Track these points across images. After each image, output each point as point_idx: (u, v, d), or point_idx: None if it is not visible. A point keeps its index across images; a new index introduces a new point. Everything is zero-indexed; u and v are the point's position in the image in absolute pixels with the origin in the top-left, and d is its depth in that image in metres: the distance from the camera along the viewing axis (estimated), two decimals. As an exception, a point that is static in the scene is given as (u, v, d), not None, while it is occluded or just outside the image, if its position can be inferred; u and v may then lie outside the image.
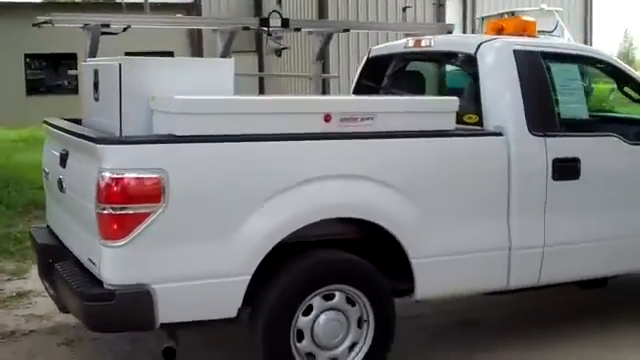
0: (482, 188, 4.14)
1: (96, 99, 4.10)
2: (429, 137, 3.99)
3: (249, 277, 3.60)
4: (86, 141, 3.59)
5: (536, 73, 4.37)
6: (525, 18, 4.99)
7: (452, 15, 21.49)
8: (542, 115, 4.32)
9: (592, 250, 4.49)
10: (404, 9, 15.99)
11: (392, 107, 4.03)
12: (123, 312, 3.44)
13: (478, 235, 4.14)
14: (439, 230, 4.02)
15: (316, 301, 3.79)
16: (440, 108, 4.12)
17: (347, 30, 5.42)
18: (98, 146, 3.42)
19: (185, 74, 3.90)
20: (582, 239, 4.44)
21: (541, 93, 4.35)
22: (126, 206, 3.38)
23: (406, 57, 5.08)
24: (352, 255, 3.89)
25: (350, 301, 3.88)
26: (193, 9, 24.44)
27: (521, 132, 4.23)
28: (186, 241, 3.50)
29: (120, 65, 3.75)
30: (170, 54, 19.73)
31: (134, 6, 20.29)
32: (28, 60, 23.06)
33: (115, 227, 3.38)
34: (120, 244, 3.39)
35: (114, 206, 3.37)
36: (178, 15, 17.74)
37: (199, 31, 19.66)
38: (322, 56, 5.62)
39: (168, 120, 3.55)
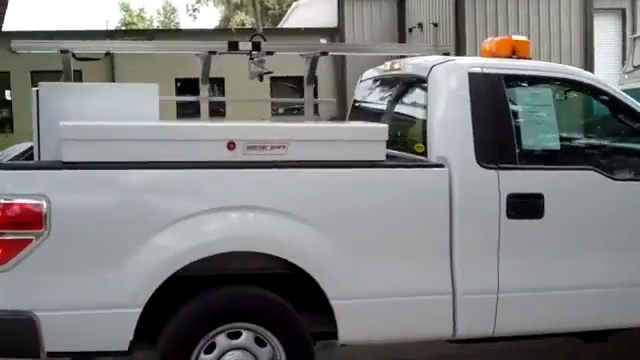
0: (417, 225, 3.83)
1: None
2: (349, 168, 3.76)
3: (139, 310, 3.53)
4: None
5: (494, 98, 4.00)
6: (516, 37, 4.60)
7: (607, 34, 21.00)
8: (496, 145, 3.94)
9: (560, 300, 4.02)
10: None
11: (307, 135, 3.84)
12: (4, 337, 3.48)
13: (414, 277, 3.82)
14: (364, 270, 3.76)
15: (220, 339, 3.66)
16: (365, 137, 3.88)
17: (325, 53, 5.26)
18: (-21, 171, 3.51)
19: (106, 100, 3.93)
20: (547, 287, 3.99)
21: (497, 121, 3.97)
22: (6, 232, 3.43)
23: (383, 81, 4.85)
24: (263, 292, 3.72)
25: (260, 341, 3.71)
26: (337, 33, 24.98)
27: (467, 164, 3.88)
28: (71, 269, 3.50)
29: (37, 91, 3.84)
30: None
31: (267, 31, 21.00)
32: (179, 84, 23.73)
33: (2, 252, 3.45)
34: (1, 269, 3.45)
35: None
36: (322, 40, 18.11)
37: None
38: (312, 80, 5.48)
39: (61, 146, 3.58)
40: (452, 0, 19.89)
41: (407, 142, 4.31)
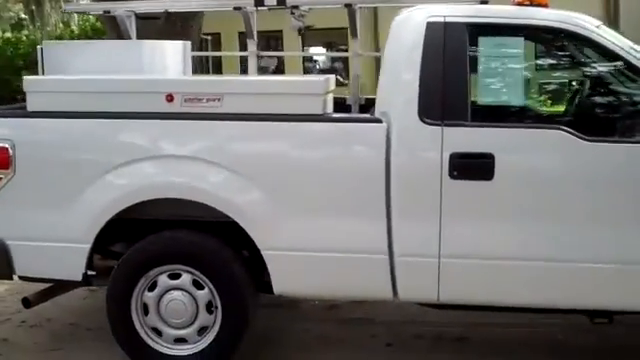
0: (352, 182, 3.82)
1: None
2: (282, 121, 3.85)
3: (88, 246, 4.02)
4: None
5: (451, 50, 3.79)
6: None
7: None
8: (443, 100, 3.76)
9: (513, 270, 3.75)
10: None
11: (242, 88, 3.99)
12: (-18, 261, 4.18)
13: (348, 234, 3.84)
14: (297, 223, 3.87)
15: (161, 278, 4.03)
16: (301, 90, 3.92)
17: (348, 5, 5.15)
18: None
19: (99, 56, 4.42)
20: (498, 255, 3.75)
21: (449, 74, 3.77)
22: (-20, 170, 4.10)
23: None
24: (199, 237, 4.01)
25: (198, 284, 4.01)
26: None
27: (407, 119, 3.77)
28: (34, 206, 4.08)
29: (42, 49, 4.46)
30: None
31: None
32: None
33: (-23, 187, 4.14)
34: (-20, 202, 4.14)
35: (-26, 170, 4.13)
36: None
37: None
38: (355, 32, 5.42)
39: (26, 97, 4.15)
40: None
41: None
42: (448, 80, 3.77)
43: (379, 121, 3.80)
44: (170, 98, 3.94)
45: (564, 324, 4.54)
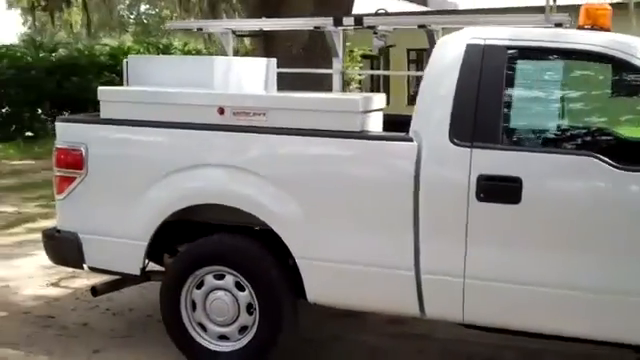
0: (382, 198, 3.96)
1: None
2: (319, 137, 4.06)
3: (146, 243, 4.42)
4: None
5: (489, 72, 3.84)
6: (592, 5, 4.17)
7: None
8: (475, 122, 3.81)
9: (537, 296, 3.74)
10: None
11: (284, 104, 4.22)
12: (62, 248, 4.70)
13: (377, 249, 3.99)
14: (329, 234, 4.06)
15: (208, 278, 4.35)
16: (338, 107, 4.10)
17: (423, 26, 5.15)
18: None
19: (174, 70, 4.80)
20: (522, 280, 3.75)
21: (485, 96, 3.82)
22: (61, 169, 4.62)
23: None
24: (242, 242, 4.29)
25: (240, 286, 4.30)
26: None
27: (438, 139, 3.86)
28: (102, 204, 4.54)
29: (127, 62, 4.94)
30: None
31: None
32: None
33: (57, 185, 4.66)
34: (60, 198, 4.66)
35: (56, 169, 4.66)
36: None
37: None
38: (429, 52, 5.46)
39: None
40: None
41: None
42: (481, 102, 3.82)
43: (410, 140, 3.92)
44: (221, 111, 4.27)
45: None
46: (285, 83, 5.20)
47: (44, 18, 24.44)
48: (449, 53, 3.98)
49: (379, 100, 4.34)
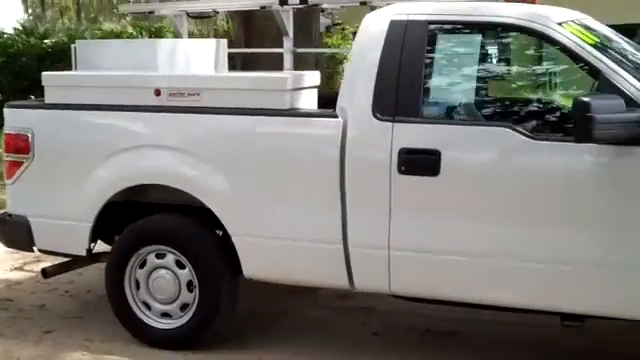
0: (310, 174, 4.09)
1: None
2: (248, 115, 4.20)
3: (90, 224, 4.57)
4: None
5: (410, 47, 3.95)
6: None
7: None
8: (397, 97, 3.92)
9: (459, 266, 3.86)
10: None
11: (216, 84, 4.36)
12: (13, 232, 4.86)
13: (307, 223, 4.13)
14: (261, 210, 4.20)
15: (150, 257, 4.50)
16: (267, 86, 4.24)
17: (364, 3, 5.25)
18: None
19: (120, 54, 4.94)
20: (444, 249, 3.88)
21: (406, 71, 3.93)
22: (9, 154, 4.78)
23: None
24: (180, 221, 4.45)
25: (181, 264, 4.45)
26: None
27: (362, 115, 3.98)
28: (49, 187, 4.69)
29: (74, 47, 5.07)
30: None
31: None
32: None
33: (7, 170, 4.82)
34: (9, 182, 4.82)
35: (5, 154, 4.81)
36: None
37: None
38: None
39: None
40: None
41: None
42: (402, 77, 3.94)
43: (335, 116, 4.04)
44: (157, 93, 4.40)
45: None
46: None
47: (46, 5, 24.60)
48: (373, 30, 4.09)
49: (311, 78, 4.45)
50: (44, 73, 4.77)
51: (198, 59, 5.07)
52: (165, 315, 4.52)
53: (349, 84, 4.08)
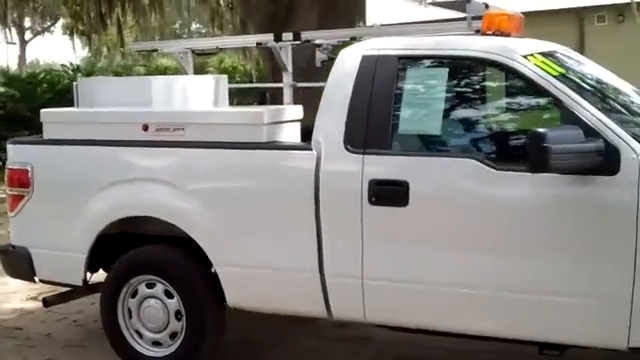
0: (287, 204, 4.23)
1: None
2: (227, 149, 4.37)
3: (85, 256, 4.78)
4: None
5: (380, 81, 4.09)
6: (493, 11, 4.37)
7: None
8: (367, 129, 4.05)
9: (431, 295, 3.94)
10: None
11: (199, 119, 4.53)
12: (15, 263, 5.10)
13: (285, 253, 4.26)
14: (241, 241, 4.35)
15: (141, 287, 4.69)
16: (245, 120, 4.40)
17: (354, 39, 5.36)
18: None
19: (117, 91, 5.19)
20: (416, 279, 3.96)
21: (376, 104, 4.06)
22: (12, 188, 5.04)
23: None
24: (167, 252, 4.62)
25: (169, 294, 4.62)
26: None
27: (334, 147, 4.11)
28: (47, 219, 4.92)
29: (76, 84, 5.34)
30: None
31: None
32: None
33: (10, 203, 5.08)
34: (12, 215, 5.08)
35: (8, 188, 5.08)
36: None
37: None
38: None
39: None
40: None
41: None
42: (373, 110, 4.07)
43: (309, 149, 4.18)
44: (145, 128, 4.61)
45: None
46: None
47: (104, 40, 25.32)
48: (347, 64, 4.24)
49: (292, 112, 4.61)
50: (42, 110, 5.03)
51: (197, 95, 5.27)
52: (156, 343, 4.69)
53: (323, 117, 4.22)
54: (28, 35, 41.66)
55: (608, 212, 3.61)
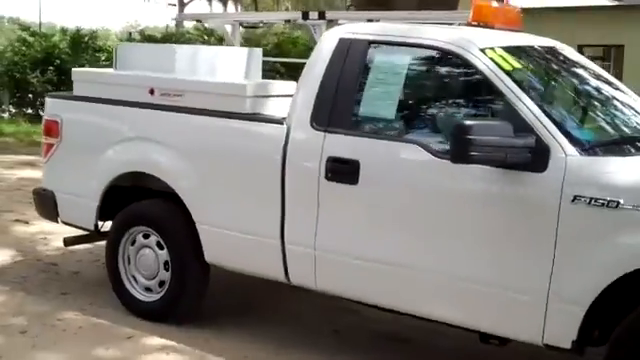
0: (257, 173, 4.57)
1: None
2: (212, 116, 4.75)
3: (97, 203, 5.32)
4: None
5: (351, 64, 4.33)
6: (479, 2, 4.47)
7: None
8: (332, 109, 4.31)
9: (375, 272, 4.17)
10: None
11: (195, 87, 4.91)
12: (44, 204, 5.72)
13: (253, 217, 4.61)
14: (217, 202, 4.74)
15: (138, 237, 5.18)
16: (228, 91, 4.76)
17: (370, 20, 5.45)
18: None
19: (147, 56, 5.66)
20: (360, 255, 4.20)
21: (343, 86, 4.30)
22: (46, 137, 5.65)
23: None
24: (160, 206, 5.06)
25: (160, 245, 5.07)
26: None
27: (301, 124, 4.40)
28: (71, 167, 5.50)
29: (115, 48, 5.87)
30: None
31: None
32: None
33: (43, 150, 5.70)
34: (44, 161, 5.70)
35: (43, 137, 5.69)
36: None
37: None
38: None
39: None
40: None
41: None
42: (339, 91, 4.32)
43: (280, 123, 4.49)
44: (152, 91, 5.06)
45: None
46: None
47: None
48: (325, 46, 4.50)
49: (282, 87, 4.92)
50: (74, 69, 5.60)
51: (226, 66, 5.64)
52: (148, 289, 5.16)
53: (298, 94, 4.51)
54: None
55: (532, 208, 3.71)
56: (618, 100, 4.39)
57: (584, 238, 3.61)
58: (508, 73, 3.92)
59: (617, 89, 4.57)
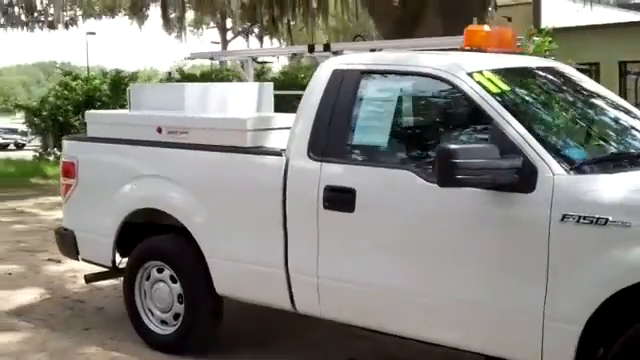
0: (260, 205, 4.67)
1: None
2: (215, 151, 4.88)
3: (112, 239, 5.48)
4: None
5: (344, 94, 4.42)
6: (472, 27, 4.52)
7: None
8: (327, 139, 4.39)
9: (376, 298, 4.22)
10: None
11: (199, 124, 5.04)
12: (66, 243, 5.90)
13: (258, 248, 4.70)
14: (225, 236, 4.84)
15: (152, 271, 5.31)
16: (229, 126, 4.88)
17: (373, 50, 5.50)
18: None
19: (157, 96, 5.84)
20: (362, 281, 4.25)
21: (337, 116, 4.39)
22: (64, 178, 5.84)
23: None
24: (174, 241, 5.18)
25: (174, 279, 5.19)
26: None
27: (299, 154, 4.49)
28: (87, 206, 5.68)
29: (129, 89, 6.06)
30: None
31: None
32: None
33: (62, 191, 5.89)
34: (64, 201, 5.88)
35: (62, 178, 5.89)
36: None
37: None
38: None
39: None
40: None
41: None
42: (333, 121, 4.41)
43: (280, 154, 4.59)
44: (159, 130, 5.21)
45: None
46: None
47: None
48: (320, 77, 4.60)
49: (282, 119, 5.02)
50: (87, 112, 5.79)
51: (237, 101, 5.78)
52: (163, 322, 5.28)
53: (296, 125, 4.60)
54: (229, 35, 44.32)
55: (522, 228, 3.73)
56: (611, 117, 4.40)
57: (576, 256, 3.61)
58: (495, 95, 3.96)
59: (616, 107, 4.57)
